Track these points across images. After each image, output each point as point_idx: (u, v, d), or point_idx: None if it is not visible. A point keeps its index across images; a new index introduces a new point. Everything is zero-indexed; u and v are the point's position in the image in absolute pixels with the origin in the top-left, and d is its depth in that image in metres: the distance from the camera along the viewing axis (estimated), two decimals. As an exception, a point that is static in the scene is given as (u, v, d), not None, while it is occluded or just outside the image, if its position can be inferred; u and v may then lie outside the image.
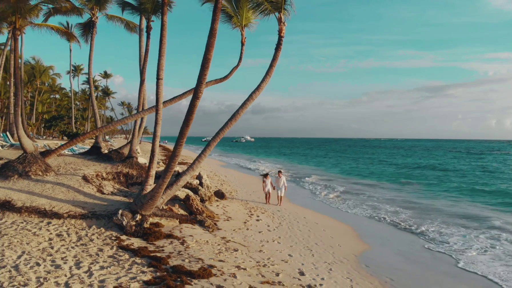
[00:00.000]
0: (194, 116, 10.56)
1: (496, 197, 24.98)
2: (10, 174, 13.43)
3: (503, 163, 58.32)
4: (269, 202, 18.66)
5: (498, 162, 61.69)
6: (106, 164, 17.31)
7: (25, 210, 11.14)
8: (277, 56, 13.26)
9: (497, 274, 10.56)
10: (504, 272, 10.70)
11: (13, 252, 8.14)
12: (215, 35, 9.70)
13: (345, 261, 11.12)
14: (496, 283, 9.94)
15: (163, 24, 11.83)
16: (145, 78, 18.10)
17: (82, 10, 20.67)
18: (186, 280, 7.49)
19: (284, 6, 13.18)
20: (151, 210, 11.26)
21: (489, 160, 66.71)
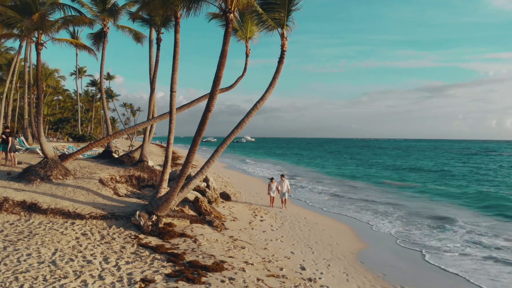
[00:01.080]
0: (206, 126, 11.55)
1: (476, 201, 25.54)
2: (33, 178, 14.43)
3: (493, 164, 59.19)
4: (273, 205, 19.28)
5: (486, 163, 62.50)
6: (118, 168, 18.30)
7: (50, 211, 12.13)
8: (280, 69, 14.21)
9: (471, 272, 11.59)
10: (473, 269, 11.74)
11: (47, 250, 9.13)
12: (226, 56, 10.69)
13: (342, 258, 12.11)
14: (468, 280, 10.94)
15: (176, 42, 12.83)
16: (155, 87, 19.10)
17: (94, 21, 21.66)
18: (202, 273, 8.48)
19: (286, 23, 14.18)
20: (166, 211, 12.25)
21: (482, 161, 67.54)
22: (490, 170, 48.90)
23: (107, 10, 20.93)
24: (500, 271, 11.59)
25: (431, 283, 10.59)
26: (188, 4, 10.91)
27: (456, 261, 12.48)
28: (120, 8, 21.91)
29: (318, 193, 26.90)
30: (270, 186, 19.48)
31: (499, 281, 10.79)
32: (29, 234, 10.29)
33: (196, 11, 10.95)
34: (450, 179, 38.17)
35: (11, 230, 10.65)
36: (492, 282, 10.66)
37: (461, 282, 10.74)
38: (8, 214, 11.99)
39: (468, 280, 10.80)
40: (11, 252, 8.73)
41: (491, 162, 63.95)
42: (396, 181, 36.20)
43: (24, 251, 8.84)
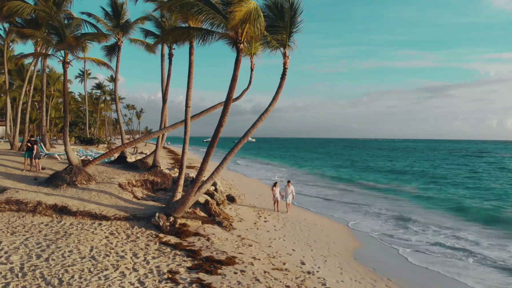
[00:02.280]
0: (218, 139, 13.02)
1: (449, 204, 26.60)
2: (60, 183, 15.91)
3: (482, 166, 60.49)
4: (277, 209, 19.99)
5: (474, 165, 63.81)
6: (134, 173, 19.78)
7: (79, 213, 13.61)
8: (282, 84, 15.60)
9: (446, 267, 13.09)
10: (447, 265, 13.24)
11: (85, 247, 10.60)
12: (236, 80, 12.14)
13: (338, 254, 13.60)
14: (454, 278, 12.43)
15: (191, 63, 14.31)
16: (167, 98, 20.57)
17: (108, 35, 23.17)
18: (217, 266, 9.95)
19: (288, 43, 15.61)
20: (182, 213, 13.73)
21: (473, 163, 68.88)
22: (476, 173, 49.94)
23: (121, 26, 22.40)
24: (466, 265, 13.15)
25: (413, 276, 12.11)
26: (204, 36, 12.36)
27: (430, 257, 14.02)
28: (132, 24, 23.40)
29: (316, 195, 28.38)
30: (274, 190, 20.29)
31: (467, 274, 12.34)
32: (65, 234, 11.76)
33: (210, 41, 12.38)
34: (439, 183, 39.05)
35: (47, 230, 12.11)
36: (464, 275, 12.19)
37: (437, 275, 12.24)
38: (42, 216, 13.47)
39: (445, 275, 12.29)
40: (55, 249, 10.20)
41: (480, 164, 65.28)
42: (382, 184, 37.37)
43: (66, 248, 10.31)
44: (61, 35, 15.35)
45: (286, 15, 14.90)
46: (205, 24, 11.80)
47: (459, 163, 66.31)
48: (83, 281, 8.15)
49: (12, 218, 13.08)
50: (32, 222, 12.91)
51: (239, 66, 12.12)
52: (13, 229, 11.95)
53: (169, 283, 8.51)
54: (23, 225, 12.42)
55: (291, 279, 9.93)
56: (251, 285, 8.93)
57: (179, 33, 12.90)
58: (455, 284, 11.62)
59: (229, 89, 12.21)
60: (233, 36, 11.97)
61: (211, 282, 8.80)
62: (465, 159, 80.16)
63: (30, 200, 14.06)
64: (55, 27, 15.48)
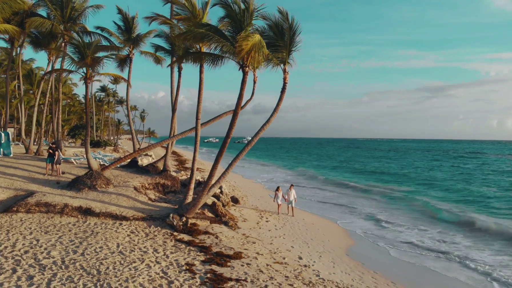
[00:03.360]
0: (225, 149, 14.61)
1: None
2: (82, 187, 17.50)
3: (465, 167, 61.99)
4: (280, 212, 21.06)
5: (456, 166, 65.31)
6: (146, 176, 21.37)
7: (102, 214, 15.20)
8: (282, 97, 17.14)
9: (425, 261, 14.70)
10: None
11: (112, 244, 12.19)
12: (242, 98, 13.71)
13: (332, 251, 15.20)
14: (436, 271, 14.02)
15: (201, 80, 15.89)
16: (176, 108, 22.18)
17: (121, 48, 24.81)
18: (226, 260, 11.53)
19: (287, 60, 17.17)
20: (193, 214, 15.31)
21: (465, 164, 70.46)
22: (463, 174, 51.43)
23: (132, 40, 24.02)
24: (437, 256, 14.76)
25: (396, 269, 13.71)
26: (214, 60, 13.95)
27: (413, 253, 15.64)
28: (143, 37, 25.00)
29: (312, 196, 29.97)
30: (276, 194, 21.28)
31: (445, 268, 13.94)
32: (92, 233, 13.34)
33: (220, 65, 13.96)
34: (423, 185, 40.18)
35: (76, 229, 13.69)
36: (443, 268, 13.80)
37: (419, 269, 13.85)
38: (68, 217, 15.06)
39: (430, 268, 13.91)
40: (87, 245, 11.78)
41: (468, 166, 66.77)
42: (375, 185, 38.78)
43: (96, 245, 11.89)
44: (83, 54, 16.94)
45: (286, 35, 16.47)
46: (215, 49, 13.37)
47: (448, 165, 67.65)
48: (117, 271, 9.74)
49: (42, 219, 14.67)
50: (61, 222, 14.49)
51: (245, 87, 13.73)
52: (45, 228, 13.54)
53: (187, 273, 10.10)
54: (53, 225, 14.00)
55: (290, 271, 11.52)
56: (256, 275, 10.52)
57: (192, 56, 14.48)
58: (433, 275, 13.22)
59: (236, 105, 13.81)
60: (240, 61, 13.55)
61: (223, 273, 10.38)
62: (456, 160, 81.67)
63: (58, 202, 15.66)
64: (78, 46, 17.08)
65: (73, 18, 26.01)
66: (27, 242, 11.75)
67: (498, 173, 51.22)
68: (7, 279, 8.92)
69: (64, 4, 25.21)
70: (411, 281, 12.64)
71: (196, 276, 10.00)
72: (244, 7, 12.91)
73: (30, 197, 16.13)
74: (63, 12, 25.12)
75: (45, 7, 25.98)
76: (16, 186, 17.94)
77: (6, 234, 12.52)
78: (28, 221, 14.21)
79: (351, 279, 11.92)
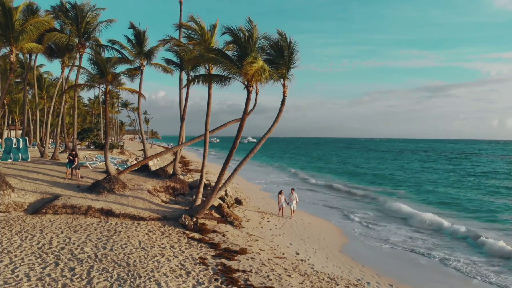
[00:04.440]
0: (232, 158, 16.38)
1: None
2: (101, 191, 19.27)
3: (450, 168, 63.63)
4: (282, 215, 22.15)
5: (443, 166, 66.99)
6: (157, 180, 23.14)
7: (122, 215, 16.96)
8: (282, 109, 18.84)
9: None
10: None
11: (134, 241, 13.94)
12: (247, 114, 15.47)
13: (326, 248, 16.96)
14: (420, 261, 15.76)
15: (209, 96, 17.66)
16: (185, 117, 23.94)
17: (133, 60, 26.62)
18: (234, 254, 13.29)
19: (287, 76, 18.91)
20: (202, 215, 17.08)
21: (457, 166, 72.22)
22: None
23: (145, 54, 25.82)
24: (419, 253, 16.52)
25: (383, 263, 15.48)
26: (221, 81, 15.71)
27: (400, 250, 17.38)
28: (154, 49, 26.77)
29: (309, 197, 31.73)
30: (279, 198, 22.38)
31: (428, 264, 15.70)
32: (115, 231, 15.09)
33: (227, 85, 15.73)
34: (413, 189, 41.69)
35: (101, 229, 15.44)
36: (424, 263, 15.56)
37: (403, 263, 15.62)
38: (92, 218, 16.82)
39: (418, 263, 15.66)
40: (113, 242, 13.54)
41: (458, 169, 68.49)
42: (371, 187, 40.53)
43: (121, 242, 13.65)
44: (104, 72, 18.70)
45: (285, 53, 18.21)
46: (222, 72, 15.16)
47: (440, 166, 69.00)
48: (143, 264, 11.50)
49: (69, 220, 16.43)
50: (86, 222, 16.25)
51: (249, 103, 15.50)
52: (73, 228, 15.30)
53: (201, 266, 11.86)
54: (80, 225, 15.76)
55: (288, 264, 13.28)
56: (259, 268, 12.28)
57: (202, 78, 16.24)
58: (416, 268, 14.98)
59: (241, 119, 15.59)
60: (245, 82, 15.32)
61: (231, 265, 12.15)
62: (450, 161, 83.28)
63: (82, 204, 17.43)
64: (98, 64, 18.83)
65: (87, 32, 27.78)
66: (61, 240, 13.50)
67: (481, 176, 52.66)
68: (52, 270, 10.67)
69: (79, 19, 26.97)
70: (395, 273, 14.38)
71: (209, 268, 11.76)
72: (249, 35, 14.65)
73: (57, 200, 17.89)
74: (78, 27, 26.88)
75: (60, 21, 27.77)
76: (41, 189, 19.71)
77: (40, 233, 14.27)
78: (57, 222, 15.98)
79: (341, 272, 13.69)
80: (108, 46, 27.07)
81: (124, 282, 10.00)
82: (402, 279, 13.85)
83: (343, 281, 12.51)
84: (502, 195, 35.02)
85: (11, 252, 11.96)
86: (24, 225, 15.31)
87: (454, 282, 14.01)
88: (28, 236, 13.81)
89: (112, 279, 10.16)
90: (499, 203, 30.63)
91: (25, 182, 20.63)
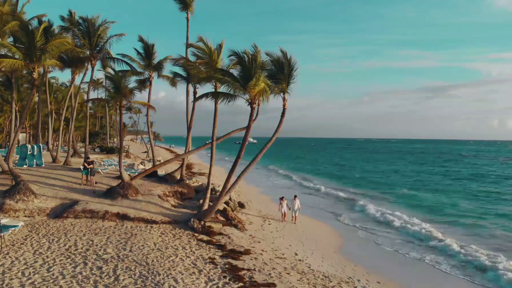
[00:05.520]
0: (237, 166, 17.92)
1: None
2: (116, 196, 20.81)
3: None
4: (285, 220, 22.99)
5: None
6: (166, 185, 24.70)
7: (136, 219, 18.51)
8: (282, 121, 20.23)
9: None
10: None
11: (150, 243, 15.48)
12: (250, 128, 17.04)
13: (322, 249, 18.49)
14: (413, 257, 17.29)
15: (216, 110, 19.21)
16: (191, 127, 25.51)
17: (142, 73, 28.22)
18: (239, 255, 14.82)
19: (286, 90, 20.41)
20: (209, 218, 18.61)
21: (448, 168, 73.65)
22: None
23: (154, 66, 27.42)
24: (409, 254, 18.04)
25: (374, 262, 17.01)
26: (227, 98, 17.27)
27: (391, 250, 18.93)
28: (162, 62, 28.34)
29: (307, 200, 33.22)
30: (281, 204, 23.21)
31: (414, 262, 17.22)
32: (131, 234, 16.64)
33: (232, 102, 17.31)
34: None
35: (118, 232, 16.97)
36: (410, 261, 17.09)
37: (393, 261, 17.14)
38: (109, 222, 18.37)
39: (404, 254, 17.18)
40: (132, 244, 15.08)
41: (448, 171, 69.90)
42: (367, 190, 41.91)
43: (138, 244, 15.19)
44: (119, 88, 20.25)
45: (285, 69, 19.72)
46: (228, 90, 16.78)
47: (429, 169, 69.57)
48: (160, 263, 13.04)
49: (88, 223, 17.99)
50: (104, 226, 17.80)
51: (252, 119, 17.07)
52: (94, 231, 16.85)
53: (211, 265, 13.40)
54: (99, 228, 17.31)
55: (288, 264, 14.82)
56: (262, 266, 13.82)
57: (210, 95, 17.81)
58: (402, 266, 16.52)
59: (245, 132, 17.18)
60: (248, 100, 16.91)
61: (237, 264, 13.68)
62: (442, 164, 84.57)
63: (99, 209, 18.99)
64: (114, 81, 20.37)
65: (98, 44, 29.36)
66: (84, 242, 15.06)
67: (471, 180, 53.94)
68: (82, 269, 12.22)
69: (91, 33, 28.53)
70: (384, 272, 15.88)
71: (218, 266, 13.30)
72: (253, 58, 16.21)
73: (76, 205, 19.43)
74: (90, 41, 28.44)
75: (72, 33, 29.33)
76: (60, 195, 21.25)
77: (65, 236, 15.83)
78: (78, 225, 17.54)
79: (335, 270, 15.22)
80: (119, 59, 28.63)
81: (146, 279, 11.55)
82: (390, 277, 15.35)
83: (336, 278, 14.04)
84: (484, 200, 36.14)
85: (43, 254, 13.53)
86: (48, 228, 16.88)
87: (438, 281, 15.54)
88: (54, 238, 15.38)
89: (135, 276, 11.71)
90: (483, 209, 31.66)
91: (44, 188, 22.15)
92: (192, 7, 26.26)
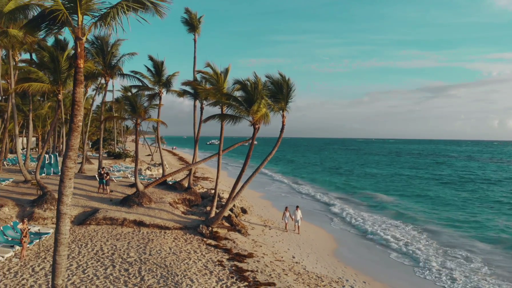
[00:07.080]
0: (243, 175, 20.05)
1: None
2: (131, 204, 22.93)
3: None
4: (287, 229, 24.29)
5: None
6: (175, 193, 26.82)
7: (151, 225, 20.63)
8: (281, 136, 22.34)
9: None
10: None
11: (166, 247, 17.59)
12: (253, 145, 19.19)
13: (317, 252, 20.58)
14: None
15: (222, 127, 21.34)
16: (198, 139, 27.65)
17: (152, 88, 30.37)
18: (243, 258, 16.93)
19: (285, 108, 22.52)
20: (216, 225, 20.73)
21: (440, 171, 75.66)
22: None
23: (164, 84, 29.59)
24: (398, 257, 20.14)
25: (364, 264, 19.11)
26: (233, 120, 19.43)
27: (384, 252, 21.01)
28: (171, 78, 30.49)
29: (305, 205, 35.28)
30: (284, 213, 24.62)
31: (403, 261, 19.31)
32: (148, 239, 18.75)
33: (237, 123, 19.49)
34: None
35: (136, 237, 19.09)
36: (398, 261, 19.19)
37: (382, 263, 19.25)
38: (127, 228, 20.48)
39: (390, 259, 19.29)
40: (150, 248, 17.19)
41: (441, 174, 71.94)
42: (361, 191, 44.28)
43: (156, 248, 17.30)
44: (135, 107, 22.38)
45: (284, 89, 21.82)
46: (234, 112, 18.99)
47: (419, 173, 71.09)
48: (177, 265, 15.16)
49: (109, 229, 20.11)
50: (123, 231, 19.92)
51: (255, 137, 19.23)
52: (115, 237, 18.96)
53: (220, 266, 15.52)
54: (119, 234, 19.43)
55: (286, 266, 16.93)
56: (263, 268, 15.93)
57: (217, 117, 19.99)
58: (392, 267, 18.62)
59: (249, 148, 19.34)
60: (252, 121, 19.07)
61: (242, 266, 15.80)
62: (436, 165, 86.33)
63: (118, 217, 21.11)
64: (130, 101, 22.50)
65: (110, 62, 31.51)
66: (109, 247, 17.18)
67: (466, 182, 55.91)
68: (112, 271, 14.34)
69: (105, 52, 30.66)
70: (371, 272, 17.97)
71: (226, 268, 15.41)
72: (254, 86, 18.38)
73: (97, 212, 21.55)
74: (104, 59, 30.57)
75: (86, 51, 31.49)
76: (81, 203, 23.38)
77: (91, 242, 17.96)
78: (100, 232, 19.66)
79: (327, 271, 17.34)
80: (131, 76, 30.79)
81: (167, 279, 13.68)
82: (375, 277, 17.45)
83: (327, 278, 16.16)
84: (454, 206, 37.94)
85: (75, 258, 15.65)
86: (75, 235, 19.00)
87: (420, 282, 17.64)
88: (82, 244, 17.50)
89: (157, 277, 13.83)
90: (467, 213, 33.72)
91: (66, 196, 24.27)
92: (199, 29, 28.43)
